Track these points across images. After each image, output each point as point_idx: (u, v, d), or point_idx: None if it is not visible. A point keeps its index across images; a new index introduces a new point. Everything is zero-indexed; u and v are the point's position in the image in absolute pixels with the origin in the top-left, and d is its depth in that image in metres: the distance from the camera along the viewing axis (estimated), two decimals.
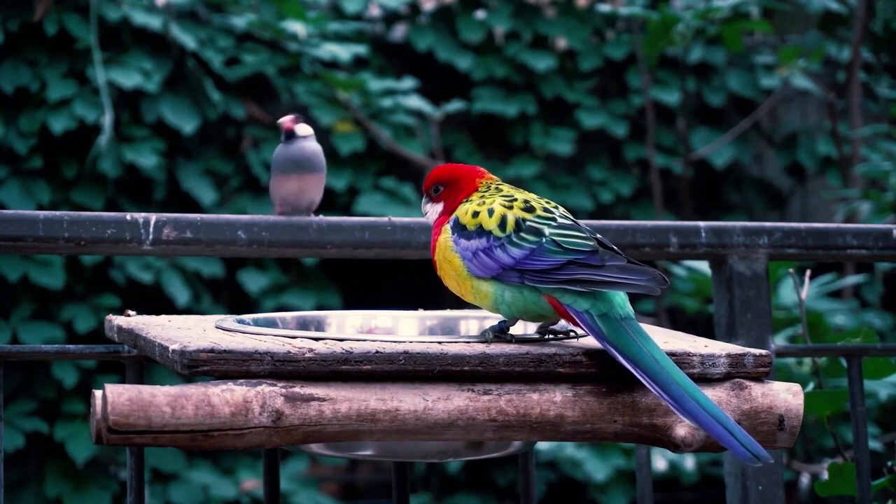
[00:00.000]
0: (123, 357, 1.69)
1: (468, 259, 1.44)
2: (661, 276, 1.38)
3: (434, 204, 1.52)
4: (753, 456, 1.30)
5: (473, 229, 1.45)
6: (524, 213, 1.45)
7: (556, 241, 1.42)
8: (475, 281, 1.44)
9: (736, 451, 1.30)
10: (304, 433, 1.30)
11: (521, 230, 1.43)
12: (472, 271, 1.44)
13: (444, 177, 1.52)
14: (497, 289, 1.43)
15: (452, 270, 1.45)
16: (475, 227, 1.45)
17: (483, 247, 1.44)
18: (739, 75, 5.21)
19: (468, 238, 1.45)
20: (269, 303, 4.52)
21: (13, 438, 4.09)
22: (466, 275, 1.44)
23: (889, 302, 4.82)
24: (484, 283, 1.43)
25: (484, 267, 1.43)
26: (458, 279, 1.45)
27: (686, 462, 4.28)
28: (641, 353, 1.35)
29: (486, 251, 1.44)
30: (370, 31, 5.14)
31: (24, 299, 4.24)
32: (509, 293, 1.42)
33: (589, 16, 5.15)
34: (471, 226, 1.45)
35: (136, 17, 4.40)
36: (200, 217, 1.85)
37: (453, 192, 1.50)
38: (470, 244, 1.45)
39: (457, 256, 1.45)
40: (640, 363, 1.34)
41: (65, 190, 4.37)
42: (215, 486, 4.29)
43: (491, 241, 1.44)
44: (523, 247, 1.42)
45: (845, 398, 2.05)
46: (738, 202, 5.33)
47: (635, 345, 1.35)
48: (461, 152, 5.03)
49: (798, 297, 2.18)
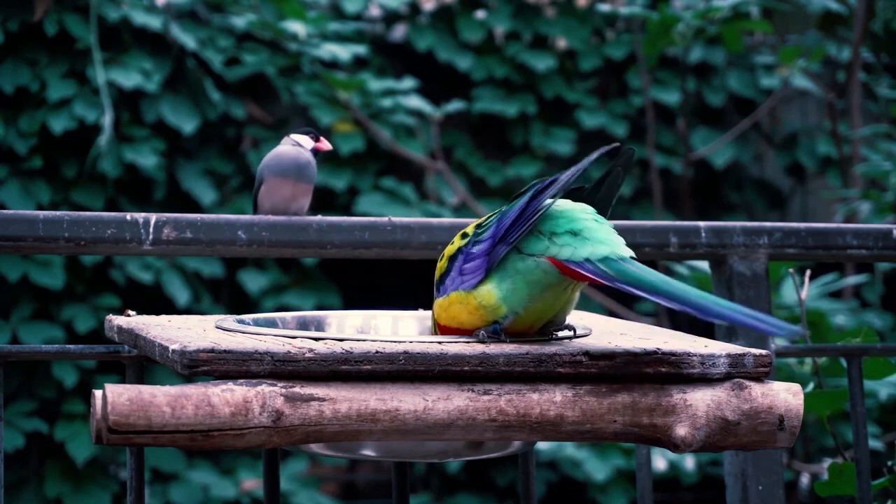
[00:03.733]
0: (123, 357, 1.69)
1: (459, 284, 1.44)
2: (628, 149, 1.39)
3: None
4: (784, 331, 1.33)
5: (446, 264, 1.46)
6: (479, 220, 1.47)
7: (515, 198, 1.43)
8: (474, 292, 1.43)
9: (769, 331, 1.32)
10: (304, 433, 1.30)
11: (482, 224, 1.45)
12: (467, 286, 1.43)
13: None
14: (495, 282, 1.42)
15: (456, 305, 1.44)
16: (446, 262, 1.46)
17: (461, 261, 1.44)
18: (739, 75, 5.22)
19: (448, 273, 1.46)
20: (269, 303, 4.52)
21: (13, 438, 4.09)
22: (465, 294, 1.43)
23: (889, 302, 4.82)
24: (482, 286, 1.43)
25: (472, 271, 1.43)
26: (464, 308, 1.44)
27: (686, 462, 4.28)
28: (652, 281, 1.35)
29: (465, 260, 1.44)
30: (370, 31, 5.14)
31: (24, 299, 4.24)
32: (509, 279, 1.42)
33: (589, 16, 5.16)
34: (443, 267, 1.47)
35: (136, 17, 4.40)
36: (200, 217, 1.85)
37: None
38: (452, 274, 1.45)
39: (453, 293, 1.45)
40: (655, 288, 1.35)
41: (65, 190, 4.37)
42: (215, 486, 4.29)
43: (464, 251, 1.44)
44: (490, 225, 1.43)
45: (845, 398, 2.05)
46: (738, 202, 5.33)
47: (644, 276, 1.36)
48: (461, 152, 5.03)
49: (798, 297, 2.18)
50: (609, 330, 1.55)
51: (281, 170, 1.99)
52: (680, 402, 1.38)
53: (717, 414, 1.39)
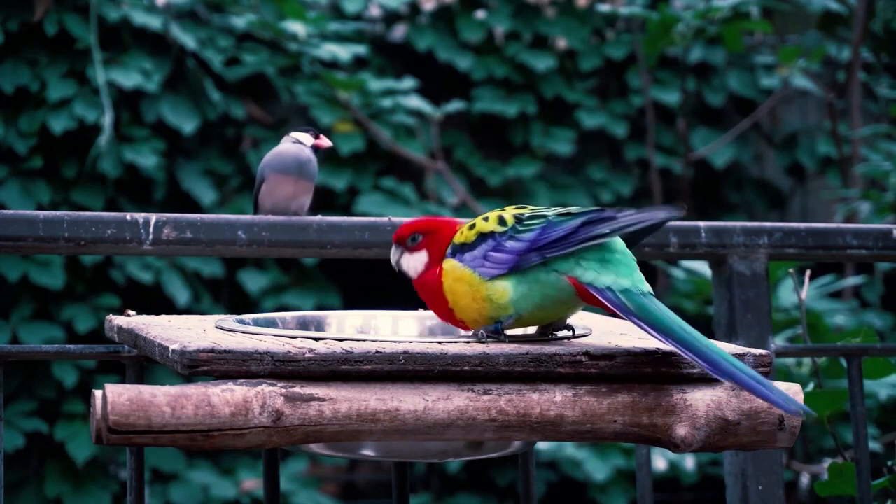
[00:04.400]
0: (123, 357, 1.69)
1: (479, 266, 1.43)
2: (678, 206, 1.39)
3: (413, 253, 1.49)
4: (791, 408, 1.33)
5: (475, 239, 1.45)
6: (519, 210, 1.46)
7: (563, 214, 1.42)
8: (488, 283, 1.43)
9: (776, 404, 1.33)
10: (304, 433, 1.30)
11: (523, 220, 1.44)
12: (485, 274, 1.43)
13: (423, 226, 1.49)
14: (513, 282, 1.42)
15: (465, 285, 1.43)
16: (476, 236, 1.45)
17: (491, 246, 1.43)
18: (739, 75, 5.22)
19: (472, 249, 1.44)
20: (269, 303, 4.52)
21: (13, 438, 4.09)
22: (479, 281, 1.42)
23: (889, 302, 4.82)
24: (499, 281, 1.42)
25: (497, 263, 1.42)
26: (471, 292, 1.43)
27: (686, 462, 4.28)
28: (671, 324, 1.35)
29: (495, 248, 1.43)
30: (370, 31, 5.14)
31: (24, 299, 4.24)
32: (525, 284, 1.42)
33: (589, 16, 5.15)
34: (470, 238, 1.45)
35: (136, 17, 4.40)
36: (200, 217, 1.85)
37: (437, 240, 1.48)
38: (476, 252, 1.44)
39: (466, 270, 1.44)
40: (671, 333, 1.35)
41: (65, 190, 4.37)
42: (215, 486, 4.29)
43: (497, 238, 1.43)
44: (533, 228, 1.42)
45: (845, 398, 2.05)
46: (738, 202, 5.33)
47: (663, 317, 1.36)
48: (461, 152, 5.03)
49: (798, 298, 2.18)
50: (609, 330, 1.55)
51: (282, 167, 1.99)
52: (680, 402, 1.38)
53: (717, 414, 1.39)
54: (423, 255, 1.49)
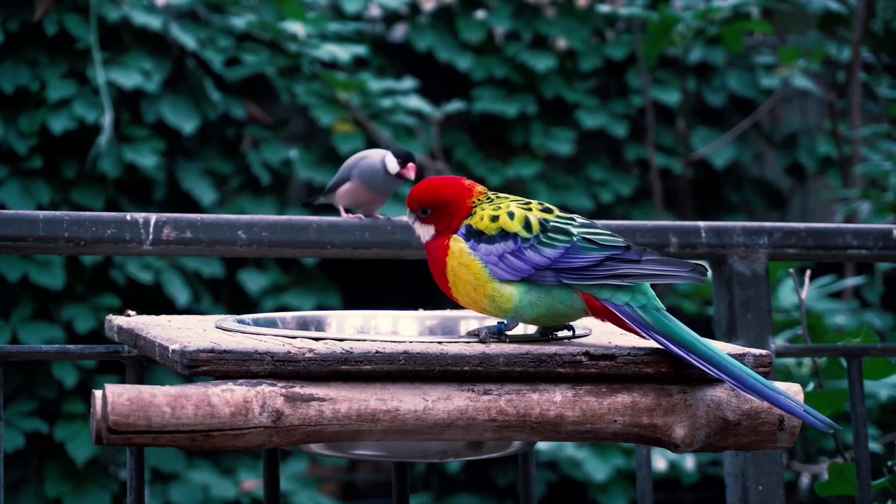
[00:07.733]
0: (123, 357, 1.69)
1: (492, 263, 1.43)
2: (702, 267, 1.39)
3: (424, 224, 1.50)
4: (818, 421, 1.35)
5: (495, 233, 1.44)
6: (544, 214, 1.45)
7: (588, 239, 1.42)
8: (496, 284, 1.42)
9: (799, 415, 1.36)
10: (304, 433, 1.30)
11: (547, 230, 1.43)
12: (495, 274, 1.42)
13: (429, 200, 1.49)
14: (522, 290, 1.42)
15: (470, 275, 1.43)
16: (496, 230, 1.44)
17: (510, 249, 1.43)
18: (739, 75, 5.21)
19: (490, 242, 1.44)
20: (269, 303, 4.52)
21: (13, 438, 4.09)
22: (487, 278, 1.43)
23: (889, 302, 4.82)
24: (508, 285, 1.42)
25: (512, 269, 1.42)
26: (475, 284, 1.43)
27: (686, 462, 4.28)
28: (690, 339, 1.36)
29: (514, 253, 1.43)
30: (370, 32, 5.14)
31: (24, 299, 4.24)
32: (535, 293, 1.42)
33: (589, 16, 5.15)
34: (490, 230, 1.44)
35: (136, 17, 4.40)
36: (200, 217, 1.85)
37: (446, 216, 1.48)
38: (493, 248, 1.43)
39: (476, 261, 1.43)
40: (692, 348, 1.35)
41: (65, 190, 4.37)
42: (215, 486, 4.28)
43: (518, 243, 1.43)
44: (556, 246, 1.42)
45: (845, 398, 2.05)
46: (738, 202, 5.33)
47: (682, 331, 1.37)
48: (461, 152, 5.03)
49: (798, 298, 2.18)
50: (609, 330, 1.55)
51: (368, 181, 2.03)
52: (680, 402, 1.38)
53: (717, 414, 1.39)
54: (431, 228, 1.49)
